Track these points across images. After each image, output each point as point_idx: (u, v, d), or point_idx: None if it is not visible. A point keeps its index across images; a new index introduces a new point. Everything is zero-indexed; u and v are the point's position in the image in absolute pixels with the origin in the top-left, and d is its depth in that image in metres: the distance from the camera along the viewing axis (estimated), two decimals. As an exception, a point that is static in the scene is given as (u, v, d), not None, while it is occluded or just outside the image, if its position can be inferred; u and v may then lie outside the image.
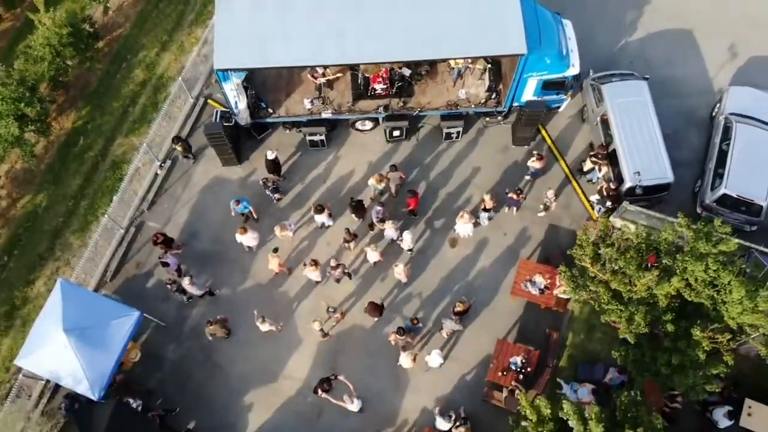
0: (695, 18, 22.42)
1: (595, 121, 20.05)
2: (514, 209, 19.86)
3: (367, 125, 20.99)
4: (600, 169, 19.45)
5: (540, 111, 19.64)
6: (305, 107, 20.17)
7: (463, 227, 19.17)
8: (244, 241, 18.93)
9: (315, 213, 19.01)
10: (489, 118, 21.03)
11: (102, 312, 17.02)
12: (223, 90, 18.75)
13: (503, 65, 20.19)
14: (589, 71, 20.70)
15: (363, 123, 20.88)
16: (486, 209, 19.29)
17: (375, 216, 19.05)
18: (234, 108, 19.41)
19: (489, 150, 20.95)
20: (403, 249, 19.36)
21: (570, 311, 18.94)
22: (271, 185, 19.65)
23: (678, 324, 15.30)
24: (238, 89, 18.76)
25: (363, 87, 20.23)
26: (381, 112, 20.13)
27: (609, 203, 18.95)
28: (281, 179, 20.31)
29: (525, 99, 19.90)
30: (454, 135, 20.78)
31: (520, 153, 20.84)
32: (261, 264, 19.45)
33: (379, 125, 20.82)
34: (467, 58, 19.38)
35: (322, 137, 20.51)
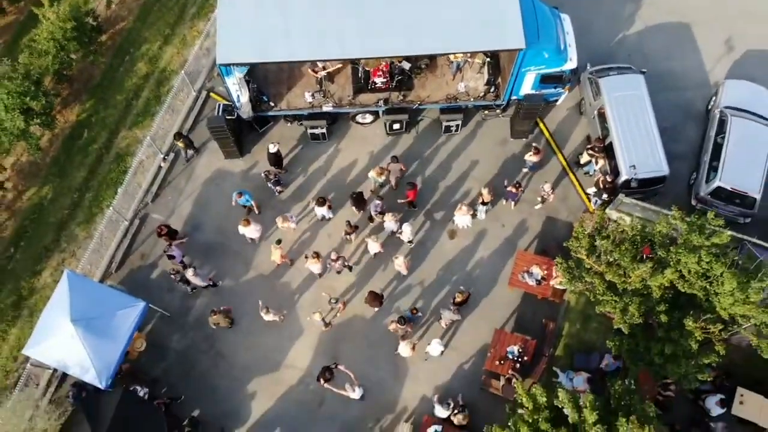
0: (693, 12, 22.51)
1: (593, 115, 20.22)
2: (512, 202, 20.09)
3: (368, 118, 21.18)
4: (597, 162, 19.67)
5: (538, 104, 19.86)
6: (306, 100, 20.36)
7: (462, 218, 19.43)
8: (246, 233, 19.16)
9: (316, 205, 19.24)
10: (488, 111, 21.24)
11: (108, 302, 17.32)
12: (226, 84, 18.94)
13: (502, 59, 20.33)
14: (587, 65, 20.84)
15: (363, 116, 21.06)
16: (484, 203, 19.51)
17: (374, 209, 19.31)
18: (236, 101, 19.60)
19: (488, 143, 21.16)
20: (403, 241, 19.64)
21: (566, 302, 19.22)
22: (273, 178, 19.88)
23: (671, 315, 15.55)
24: (240, 83, 18.95)
25: (363, 80, 20.41)
26: (381, 105, 20.33)
27: (605, 195, 19.18)
28: (283, 172, 20.56)
29: (523, 92, 20.07)
30: (453, 128, 20.98)
31: (518, 146, 21.04)
32: (263, 255, 19.72)
33: (380, 118, 21.03)
34: (466, 52, 19.55)
35: (323, 130, 20.74)
